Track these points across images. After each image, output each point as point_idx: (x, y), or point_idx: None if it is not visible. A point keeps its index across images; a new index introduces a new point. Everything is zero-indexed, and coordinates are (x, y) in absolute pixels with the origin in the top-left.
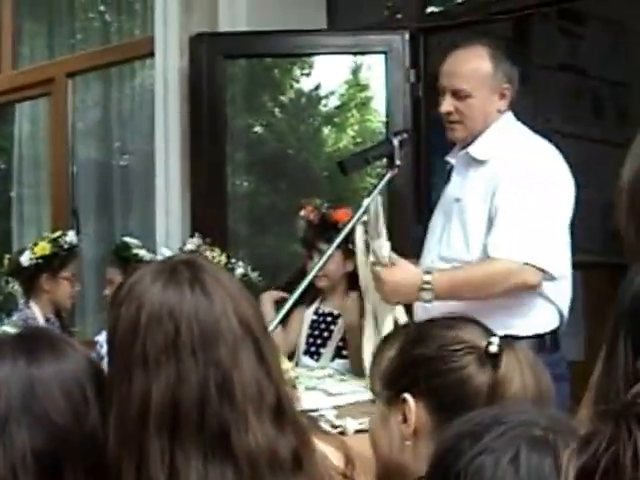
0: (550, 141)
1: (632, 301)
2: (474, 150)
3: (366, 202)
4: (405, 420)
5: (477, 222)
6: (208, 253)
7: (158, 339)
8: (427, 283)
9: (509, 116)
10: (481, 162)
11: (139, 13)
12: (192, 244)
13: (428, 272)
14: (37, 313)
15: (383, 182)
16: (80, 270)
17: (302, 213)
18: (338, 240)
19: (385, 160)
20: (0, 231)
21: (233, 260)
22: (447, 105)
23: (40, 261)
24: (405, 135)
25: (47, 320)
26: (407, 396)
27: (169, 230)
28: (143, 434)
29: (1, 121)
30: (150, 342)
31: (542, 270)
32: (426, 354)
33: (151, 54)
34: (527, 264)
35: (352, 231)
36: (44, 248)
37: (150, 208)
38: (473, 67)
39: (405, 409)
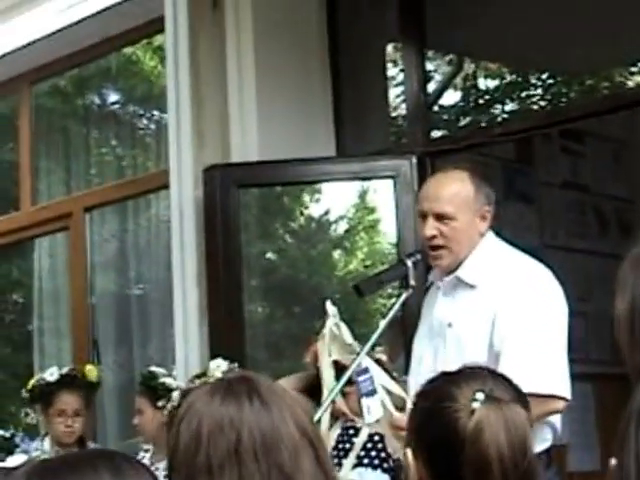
0: (544, 258)
1: None
2: (463, 274)
3: (383, 324)
4: None
5: (476, 349)
6: None
7: (221, 447)
8: None
9: (491, 236)
10: (471, 286)
11: (152, 147)
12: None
13: None
14: (47, 445)
15: (399, 303)
16: (101, 399)
17: (308, 360)
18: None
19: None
20: (22, 365)
21: None
22: (431, 229)
23: (30, 396)
24: (418, 256)
25: (57, 453)
26: (407, 451)
27: (188, 357)
28: None
29: (21, 256)
30: (213, 450)
31: (565, 399)
32: (423, 409)
33: (165, 186)
34: (553, 395)
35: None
36: (31, 384)
37: (168, 336)
38: (455, 191)
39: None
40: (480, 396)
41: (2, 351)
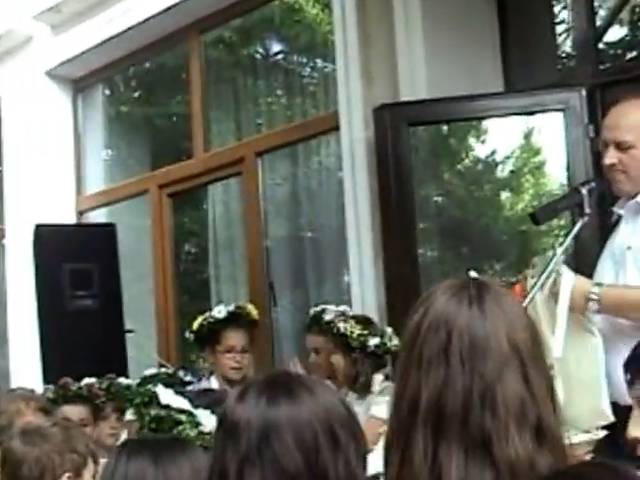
0: None
1: None
2: None
3: (559, 251)
4: None
5: None
6: None
7: (433, 345)
8: (594, 294)
9: None
10: None
11: (318, 94)
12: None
13: (598, 284)
14: (214, 385)
15: (575, 230)
16: (278, 340)
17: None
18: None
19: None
20: (199, 313)
21: None
22: (610, 157)
23: (195, 336)
24: (593, 184)
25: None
26: None
27: (364, 296)
28: (412, 425)
29: (194, 206)
30: (426, 347)
31: None
32: None
33: (334, 129)
34: None
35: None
36: (197, 324)
37: (342, 278)
38: (635, 119)
39: None
40: None
41: (179, 300)
